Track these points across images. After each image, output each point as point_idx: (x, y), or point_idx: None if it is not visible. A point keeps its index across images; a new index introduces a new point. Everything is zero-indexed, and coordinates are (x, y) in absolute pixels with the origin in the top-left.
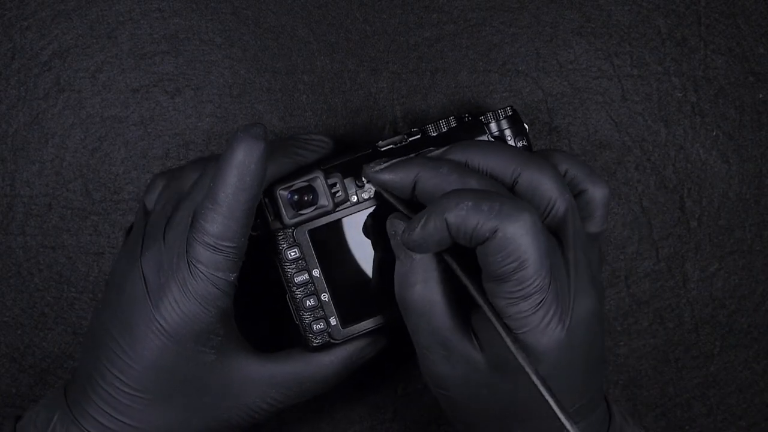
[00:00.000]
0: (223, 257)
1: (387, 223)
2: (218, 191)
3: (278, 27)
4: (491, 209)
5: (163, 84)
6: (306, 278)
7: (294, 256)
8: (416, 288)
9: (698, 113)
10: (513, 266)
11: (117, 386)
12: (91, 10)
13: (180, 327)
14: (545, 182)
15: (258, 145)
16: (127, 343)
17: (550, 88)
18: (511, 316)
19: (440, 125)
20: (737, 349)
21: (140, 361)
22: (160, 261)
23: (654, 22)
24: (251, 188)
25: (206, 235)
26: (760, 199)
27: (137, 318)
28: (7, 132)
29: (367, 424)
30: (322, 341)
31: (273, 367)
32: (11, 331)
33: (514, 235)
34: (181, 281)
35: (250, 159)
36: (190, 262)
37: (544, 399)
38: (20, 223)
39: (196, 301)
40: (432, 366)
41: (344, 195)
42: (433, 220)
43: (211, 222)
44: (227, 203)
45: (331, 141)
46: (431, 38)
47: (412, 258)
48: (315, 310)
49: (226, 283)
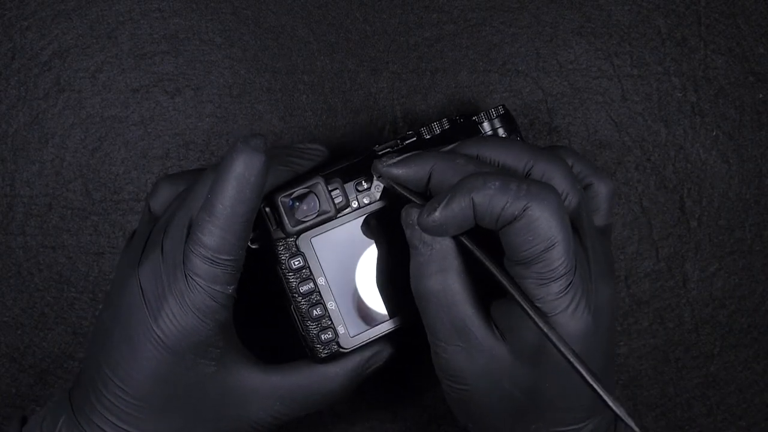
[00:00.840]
0: (221, 270)
1: (402, 212)
2: (216, 203)
3: (278, 27)
4: (519, 189)
5: (163, 84)
6: (311, 287)
7: (298, 265)
8: (434, 278)
9: (698, 113)
10: (541, 247)
11: (119, 395)
12: (91, 10)
13: (178, 339)
14: (557, 175)
15: (258, 158)
16: (127, 352)
17: (550, 88)
18: (542, 298)
19: (433, 128)
20: (737, 349)
21: (141, 371)
22: (157, 271)
23: (654, 22)
24: (250, 201)
25: (203, 248)
26: (760, 199)
27: (136, 327)
28: (7, 132)
29: (367, 424)
30: (331, 351)
31: (277, 379)
32: (11, 331)
33: (543, 215)
34: (178, 294)
35: (249, 171)
36: (187, 274)
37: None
38: (20, 223)
39: (193, 314)
40: (450, 360)
41: (345, 200)
42: (458, 200)
43: (209, 235)
44: (225, 216)
45: (326, 150)
46: (431, 38)
47: (430, 247)
48: (322, 319)
49: (224, 296)
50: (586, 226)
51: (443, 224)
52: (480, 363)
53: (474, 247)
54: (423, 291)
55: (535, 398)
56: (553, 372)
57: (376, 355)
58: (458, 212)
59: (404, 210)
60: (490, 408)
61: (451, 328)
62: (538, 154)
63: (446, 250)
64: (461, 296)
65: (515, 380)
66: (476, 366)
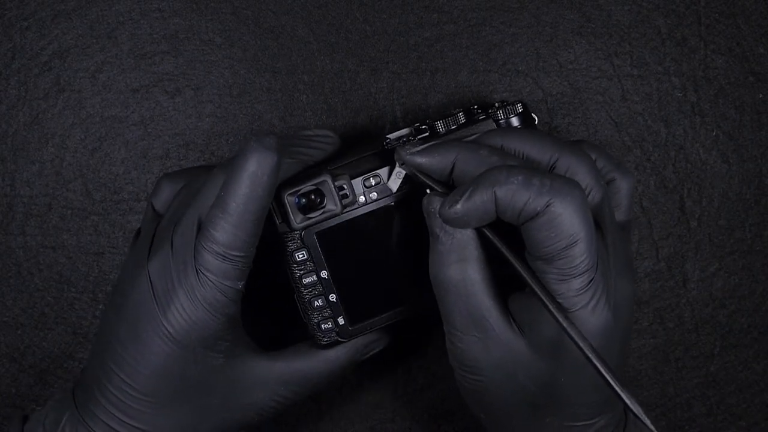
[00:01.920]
0: (232, 266)
1: (424, 200)
2: (229, 201)
3: (278, 27)
4: (542, 184)
5: (163, 84)
6: (314, 279)
7: (302, 258)
8: (454, 267)
9: (698, 113)
10: (563, 243)
11: (125, 390)
12: (91, 10)
13: (187, 333)
14: (582, 169)
15: (271, 157)
16: (134, 348)
17: (550, 88)
18: (563, 294)
19: (449, 122)
20: (737, 349)
21: (148, 366)
22: (167, 267)
23: (654, 22)
24: (262, 199)
25: (215, 244)
26: (760, 199)
27: (144, 323)
28: (7, 132)
29: (367, 424)
30: (331, 340)
31: (281, 366)
32: (11, 331)
33: (565, 211)
34: (188, 288)
35: (262, 170)
36: (198, 269)
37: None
38: (20, 223)
39: (203, 308)
40: (465, 350)
41: (352, 197)
42: (480, 193)
43: (221, 231)
44: (238, 213)
45: (336, 136)
46: (431, 38)
47: (451, 236)
48: (323, 310)
49: (234, 291)
50: (608, 223)
51: (464, 216)
52: (496, 355)
53: (496, 239)
54: (442, 279)
55: (551, 392)
56: (570, 367)
57: (375, 342)
58: (480, 205)
59: (426, 198)
60: (504, 400)
61: (468, 319)
62: (564, 147)
63: (467, 240)
64: (480, 287)
65: (531, 373)
66: (492, 357)
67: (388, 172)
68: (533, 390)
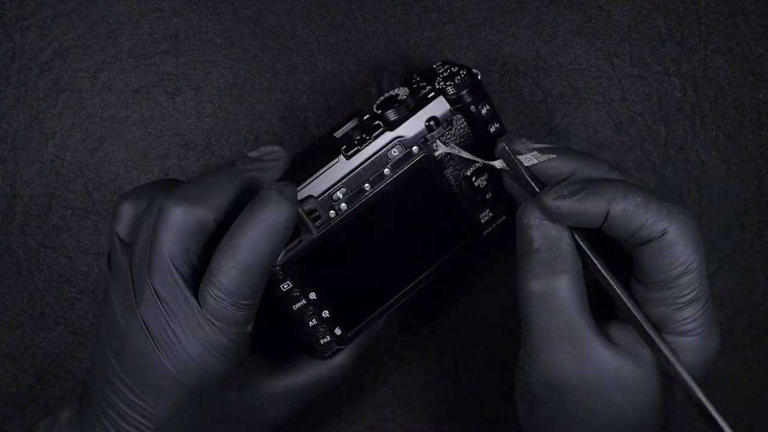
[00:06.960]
0: (241, 314)
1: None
2: (243, 251)
3: (278, 27)
4: (660, 209)
5: (163, 84)
6: (303, 303)
7: (287, 288)
8: (556, 278)
9: (698, 113)
10: (678, 271)
11: (140, 428)
12: (91, 10)
13: (199, 379)
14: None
15: (289, 209)
16: (144, 393)
17: (550, 88)
18: (680, 322)
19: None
20: (737, 349)
21: (162, 409)
22: (161, 316)
23: (654, 22)
24: (275, 250)
25: (224, 293)
26: (760, 199)
27: (151, 372)
28: (7, 132)
29: (367, 424)
30: (332, 350)
31: (293, 379)
32: (11, 331)
33: (681, 240)
34: (196, 336)
35: (278, 220)
36: (207, 319)
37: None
38: (20, 223)
39: (213, 356)
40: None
41: (324, 215)
42: (593, 202)
43: (231, 281)
44: (250, 263)
45: (282, 149)
46: (431, 38)
47: (555, 246)
48: (318, 327)
49: (242, 336)
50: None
51: (565, 213)
52: (591, 375)
53: (601, 265)
54: (536, 291)
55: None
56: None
57: (371, 331)
58: (588, 211)
59: (521, 210)
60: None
61: (564, 335)
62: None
63: (567, 252)
64: (580, 302)
65: (630, 396)
66: (587, 377)
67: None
68: (630, 411)
